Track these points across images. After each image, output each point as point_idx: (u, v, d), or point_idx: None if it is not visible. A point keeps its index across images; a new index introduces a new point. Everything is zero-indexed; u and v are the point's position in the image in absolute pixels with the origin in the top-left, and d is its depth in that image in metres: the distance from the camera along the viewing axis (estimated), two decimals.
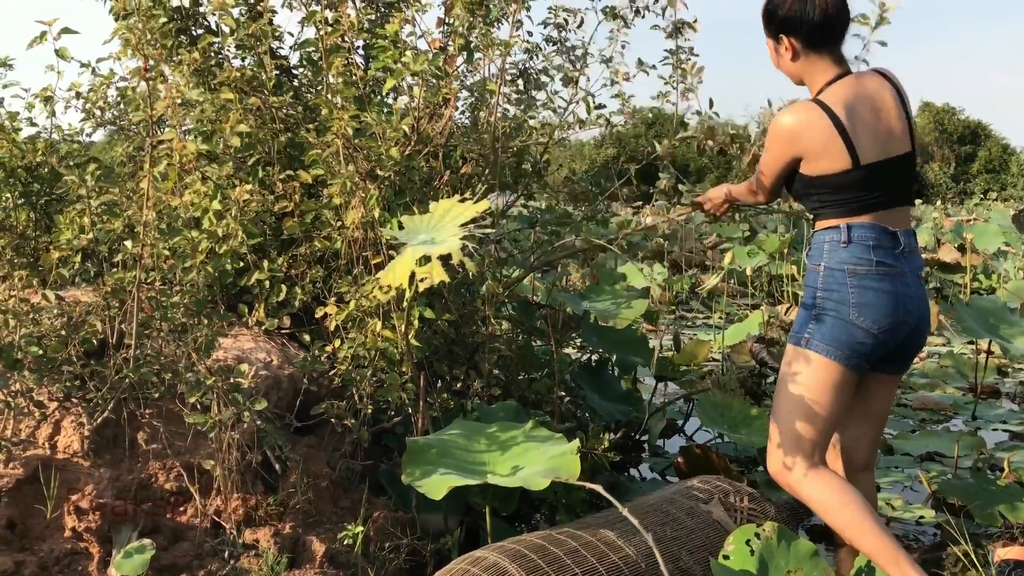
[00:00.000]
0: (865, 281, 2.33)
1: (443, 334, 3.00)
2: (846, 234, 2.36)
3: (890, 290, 2.34)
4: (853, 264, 2.34)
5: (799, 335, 2.41)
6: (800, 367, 2.40)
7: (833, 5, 2.37)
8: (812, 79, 2.43)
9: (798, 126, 2.36)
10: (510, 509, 2.65)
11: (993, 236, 9.04)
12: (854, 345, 2.34)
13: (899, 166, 2.37)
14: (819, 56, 2.41)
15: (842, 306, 2.34)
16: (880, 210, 2.36)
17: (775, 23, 2.42)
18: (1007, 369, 5.85)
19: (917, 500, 3.40)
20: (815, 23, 2.37)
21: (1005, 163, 37.40)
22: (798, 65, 2.43)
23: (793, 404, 2.41)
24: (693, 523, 2.65)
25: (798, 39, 2.40)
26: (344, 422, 2.66)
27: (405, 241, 2.39)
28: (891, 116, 2.37)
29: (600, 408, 3.45)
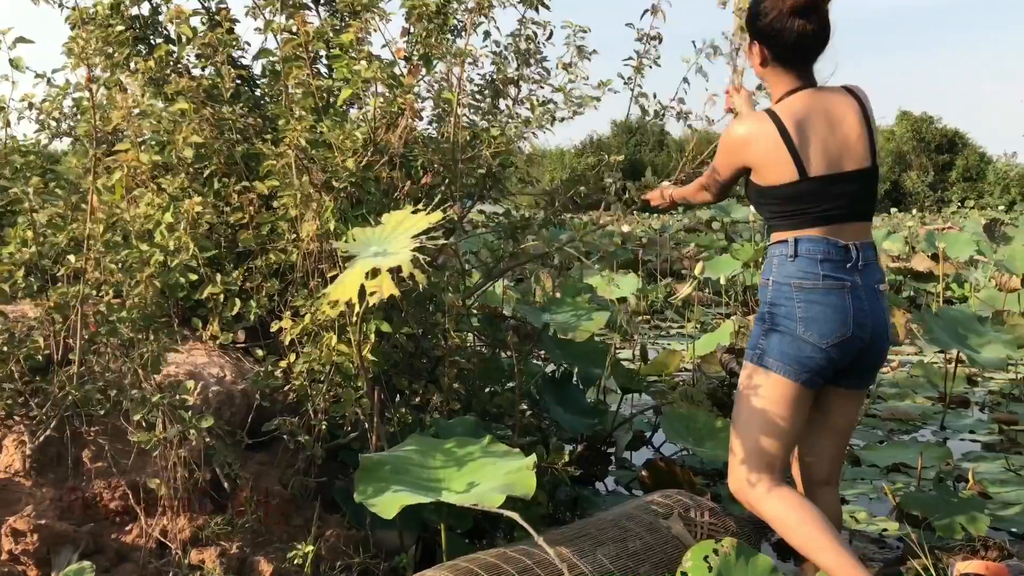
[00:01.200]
0: (812, 295, 2.32)
1: (402, 348, 2.96)
2: (793, 248, 2.35)
3: (838, 304, 2.32)
4: (799, 278, 2.33)
5: (752, 350, 2.41)
6: (755, 383, 2.39)
7: (812, 30, 2.36)
8: (775, 88, 2.45)
9: (746, 136, 2.38)
10: (466, 526, 2.61)
11: (965, 245, 9.09)
12: (803, 360, 2.32)
13: (854, 181, 2.35)
14: (786, 70, 2.41)
15: (790, 321, 2.33)
16: (832, 224, 2.35)
17: (755, 29, 2.43)
18: (977, 379, 5.86)
19: (883, 512, 3.38)
20: (789, 43, 2.37)
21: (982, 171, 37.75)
22: (764, 71, 2.46)
23: (750, 420, 2.40)
24: (652, 539, 2.62)
25: (770, 51, 2.40)
26: (298, 438, 2.61)
27: (356, 254, 2.35)
28: (849, 131, 2.35)
29: (564, 421, 3.41)
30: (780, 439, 2.38)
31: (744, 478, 2.41)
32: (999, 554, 2.82)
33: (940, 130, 38.65)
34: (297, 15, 2.94)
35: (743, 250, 8.16)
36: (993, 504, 3.42)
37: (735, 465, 2.44)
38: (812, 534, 2.31)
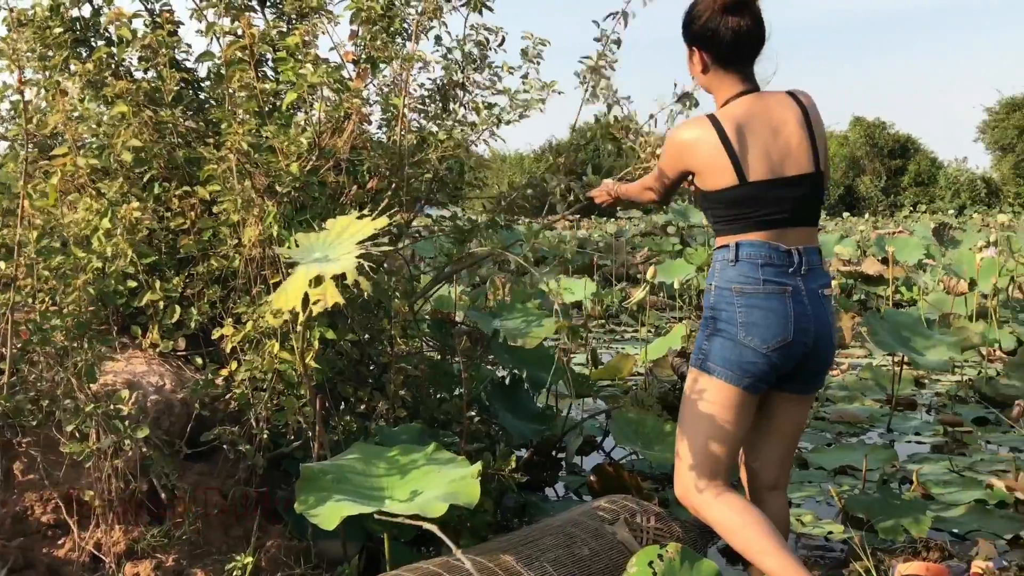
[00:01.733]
0: (753, 300, 2.32)
1: (348, 355, 2.93)
2: (735, 252, 2.36)
3: (779, 309, 2.32)
4: (740, 283, 2.33)
5: (696, 355, 2.42)
6: (699, 388, 2.40)
7: (747, 27, 2.37)
8: (718, 93, 2.45)
9: (688, 141, 2.39)
10: (410, 535, 2.58)
11: (914, 248, 9.23)
12: (745, 365, 2.33)
13: (797, 186, 2.36)
14: (727, 72, 2.42)
15: (731, 326, 2.33)
16: (774, 228, 2.35)
17: (690, 34, 2.44)
18: (924, 381, 5.94)
19: (829, 515, 3.41)
20: (726, 43, 2.38)
21: (933, 176, 38.41)
22: (707, 78, 2.46)
23: (694, 426, 2.40)
24: (598, 545, 2.61)
25: (709, 54, 2.41)
26: (238, 448, 2.57)
27: (299, 260, 2.32)
28: (790, 136, 2.36)
29: (512, 427, 3.40)
30: (724, 444, 2.38)
31: (689, 483, 2.41)
32: (940, 555, 2.85)
33: (892, 135, 39.27)
34: (242, 17, 2.90)
35: (697, 254, 8.22)
36: (936, 505, 3.46)
37: (680, 470, 2.44)
38: (755, 538, 2.31)
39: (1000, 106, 38.54)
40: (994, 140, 38.34)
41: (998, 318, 6.84)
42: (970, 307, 7.23)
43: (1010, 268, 7.79)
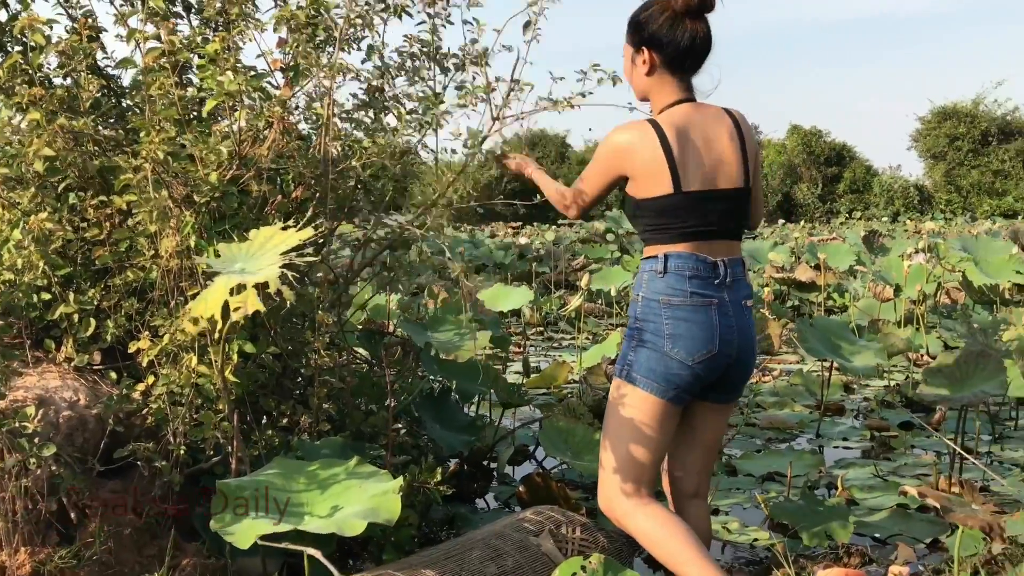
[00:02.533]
0: (679, 312, 2.32)
1: (269, 368, 2.88)
2: (663, 264, 2.35)
3: (705, 321, 2.33)
4: (668, 295, 2.33)
5: (621, 366, 2.40)
6: (623, 399, 2.39)
7: (702, 34, 2.37)
8: (658, 97, 2.43)
9: (629, 143, 2.34)
10: (328, 551, 2.53)
11: (845, 255, 9.40)
12: (670, 377, 2.33)
13: (726, 200, 2.37)
14: (672, 77, 2.40)
15: (658, 337, 2.33)
16: (702, 240, 2.36)
17: (642, 35, 2.39)
18: (853, 386, 6.05)
19: (756, 522, 3.44)
20: (681, 47, 2.36)
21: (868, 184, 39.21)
22: (650, 81, 2.42)
23: (617, 436, 2.39)
24: (522, 557, 2.60)
25: (661, 56, 2.38)
26: (154, 464, 2.50)
27: (219, 270, 2.27)
28: (724, 150, 2.37)
29: (441, 439, 3.37)
30: (647, 455, 2.38)
31: (612, 494, 2.41)
32: (861, 560, 2.89)
33: (829, 144, 40.01)
34: (163, 24, 2.84)
35: (634, 261, 8.27)
36: (860, 510, 3.51)
37: (603, 480, 2.43)
38: (677, 549, 2.31)
39: (932, 115, 39.52)
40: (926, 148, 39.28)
41: (926, 323, 7.00)
42: (899, 313, 7.39)
43: (937, 274, 7.97)
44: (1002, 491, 3.52)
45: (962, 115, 38.39)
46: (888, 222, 30.40)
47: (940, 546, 3.12)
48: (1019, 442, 4.55)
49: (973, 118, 38.12)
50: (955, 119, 38.42)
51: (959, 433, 4.00)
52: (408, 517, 2.71)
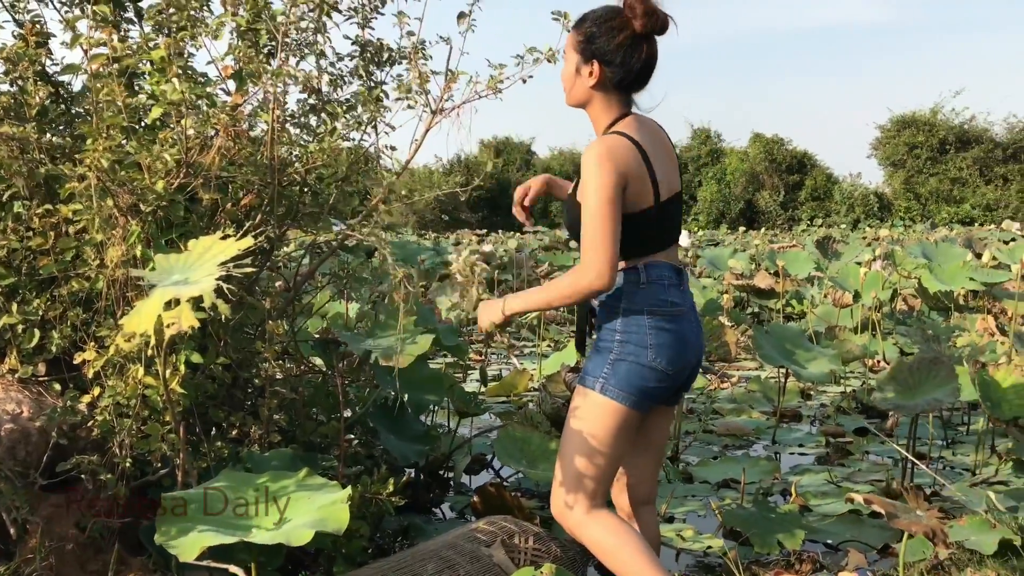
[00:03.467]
0: (661, 323, 2.31)
1: (218, 378, 2.84)
2: (645, 275, 2.32)
3: (679, 330, 2.33)
4: (652, 306, 2.31)
5: (593, 379, 2.33)
6: (589, 411, 2.34)
7: (654, 56, 2.35)
8: (601, 112, 2.38)
9: (621, 156, 2.25)
10: (277, 563, 2.51)
11: (803, 262, 9.50)
12: (647, 389, 2.31)
13: (678, 204, 2.40)
14: (620, 95, 2.37)
15: (641, 349, 2.29)
16: (668, 248, 2.38)
17: (595, 49, 2.33)
18: (810, 393, 6.10)
19: (710, 529, 3.45)
20: (634, 70, 2.33)
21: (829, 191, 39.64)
22: (593, 94, 2.36)
23: (578, 447, 2.35)
24: (474, 568, 2.59)
25: (613, 74, 2.33)
26: (99, 477, 2.46)
27: (157, 283, 2.24)
28: (669, 157, 2.40)
29: (395, 449, 3.35)
30: (608, 465, 2.36)
31: (566, 502, 2.38)
32: (812, 567, 2.91)
33: (790, 151, 40.40)
34: (105, 29, 2.80)
35: None
36: (813, 516, 3.54)
37: (557, 490, 2.41)
38: (630, 558, 2.31)
39: (891, 123, 40.05)
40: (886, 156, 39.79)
41: (883, 330, 7.08)
42: (856, 319, 7.47)
43: (894, 281, 8.07)
44: (951, 496, 3.55)
45: (921, 124, 38.95)
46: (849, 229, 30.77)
47: (891, 552, 3.15)
48: (970, 446, 4.60)
49: (931, 127, 38.70)
50: (914, 128, 38.98)
51: (911, 439, 4.05)
52: (359, 528, 2.68)
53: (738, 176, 39.19)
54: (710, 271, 11.50)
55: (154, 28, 3.31)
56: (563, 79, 2.43)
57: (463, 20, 2.89)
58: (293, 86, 3.12)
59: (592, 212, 2.21)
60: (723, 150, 41.39)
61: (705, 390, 6.05)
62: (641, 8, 2.29)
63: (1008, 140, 38.09)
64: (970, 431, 4.99)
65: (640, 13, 2.29)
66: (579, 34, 2.37)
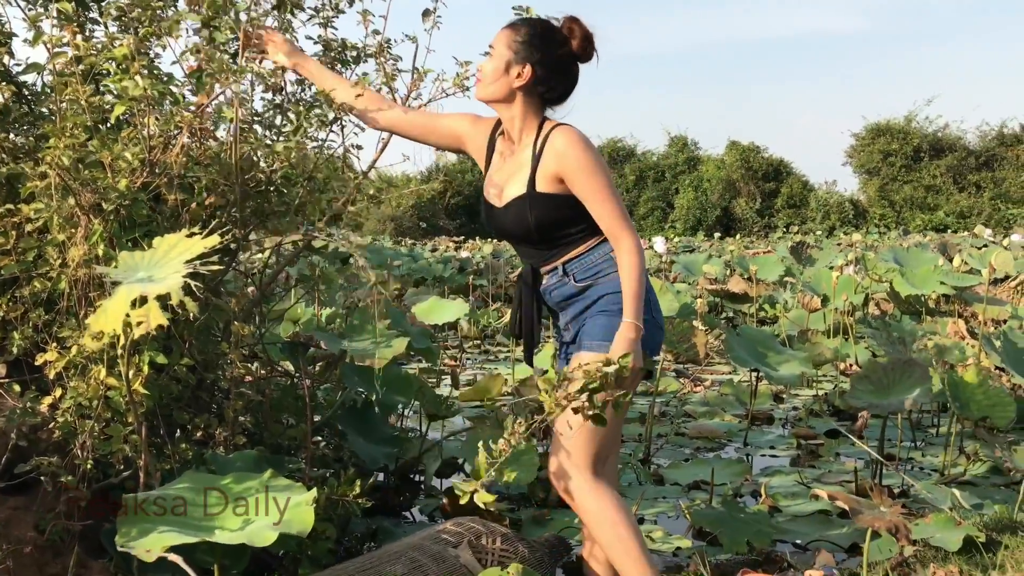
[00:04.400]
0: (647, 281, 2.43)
1: (183, 380, 2.81)
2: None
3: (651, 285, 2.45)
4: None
5: (604, 343, 2.32)
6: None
7: (576, 81, 2.47)
8: (520, 112, 2.45)
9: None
10: (241, 567, 2.48)
11: (773, 266, 9.56)
12: (653, 345, 2.41)
13: None
14: (538, 101, 2.46)
15: (649, 307, 2.38)
16: None
17: (535, 56, 2.40)
18: (783, 396, 6.12)
19: (680, 530, 3.44)
20: (568, 86, 2.46)
21: (805, 199, 39.87)
22: (515, 95, 2.43)
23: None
24: (440, 569, 2.57)
25: (543, 87, 2.42)
26: (60, 479, 2.43)
27: (121, 280, 2.21)
28: None
29: (363, 452, 3.32)
30: (610, 433, 2.41)
31: (569, 465, 2.38)
32: (779, 566, 2.91)
33: (767, 159, 40.62)
34: (68, 26, 2.78)
35: None
36: (782, 517, 3.54)
37: (561, 457, 2.39)
38: (625, 537, 2.35)
39: (866, 131, 40.38)
40: (860, 164, 40.11)
41: (855, 334, 7.12)
42: (828, 323, 7.51)
43: (866, 285, 8.12)
44: (919, 496, 3.57)
45: (895, 131, 39.29)
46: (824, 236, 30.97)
47: (858, 551, 3.16)
48: (940, 448, 4.63)
49: (906, 134, 39.04)
50: (888, 135, 39.31)
51: (881, 441, 4.07)
52: (325, 530, 2.66)
53: (715, 183, 39.37)
54: (684, 276, 11.53)
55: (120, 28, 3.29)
56: (485, 72, 2.47)
57: (428, 17, 2.89)
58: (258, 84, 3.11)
59: (605, 191, 2.37)
60: (700, 158, 41.57)
61: (677, 393, 6.05)
62: (580, 32, 2.42)
63: (981, 148, 38.51)
64: (939, 433, 5.03)
65: (579, 36, 2.42)
66: (518, 35, 2.43)
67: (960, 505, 3.02)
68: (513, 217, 2.45)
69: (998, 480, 3.94)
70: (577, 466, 2.37)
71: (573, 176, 2.36)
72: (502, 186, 2.49)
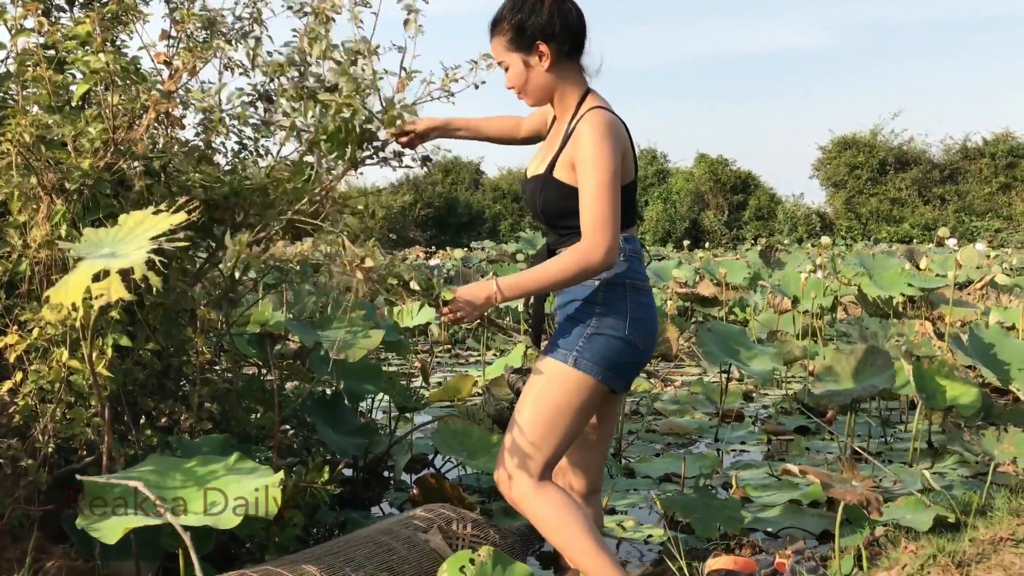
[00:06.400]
0: (640, 296, 2.31)
1: (148, 365, 2.76)
2: (625, 248, 2.30)
3: (651, 305, 2.35)
4: (632, 278, 2.30)
5: (566, 352, 2.27)
6: (556, 383, 2.28)
7: (581, 14, 2.34)
8: (567, 88, 2.35)
9: (619, 132, 2.26)
10: (206, 550, 2.43)
11: (739, 270, 9.63)
12: (621, 365, 2.28)
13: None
14: (571, 64, 2.34)
15: (620, 322, 2.27)
16: (633, 223, 2.38)
17: (530, 31, 2.29)
18: (752, 395, 6.14)
19: (651, 521, 3.43)
20: (575, 28, 2.31)
21: (772, 211, 40.16)
22: (552, 76, 2.32)
23: (537, 420, 2.28)
24: (410, 553, 2.54)
25: (558, 46, 2.30)
26: (19, 463, 2.37)
27: (84, 256, 2.17)
28: None
29: (332, 442, 3.28)
30: (565, 440, 2.31)
31: (514, 473, 2.30)
32: (752, 551, 2.90)
33: (735, 172, 40.88)
34: (28, 5, 2.73)
35: None
36: (754, 507, 3.54)
37: (508, 461, 2.31)
38: (575, 535, 2.26)
39: (832, 144, 40.75)
40: (827, 177, 40.46)
41: (824, 336, 7.17)
42: (798, 326, 7.56)
43: (834, 288, 8.18)
44: (889, 486, 3.58)
45: (861, 145, 39.70)
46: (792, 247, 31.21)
47: (829, 539, 3.16)
48: (908, 442, 4.66)
49: (872, 148, 39.46)
50: (855, 148, 39.71)
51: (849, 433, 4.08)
52: (293, 517, 2.62)
53: (683, 196, 39.57)
54: (655, 282, 11.55)
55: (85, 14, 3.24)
56: (515, 86, 2.37)
57: (409, 26, 2.86)
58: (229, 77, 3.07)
59: (599, 188, 2.18)
60: (669, 170, 41.76)
61: (648, 393, 6.06)
62: None
63: (945, 161, 39.01)
64: (907, 430, 5.05)
65: None
66: (505, 33, 2.34)
67: (931, 487, 3.03)
68: (529, 194, 2.40)
69: (965, 472, 3.97)
70: (519, 474, 2.28)
71: (578, 164, 2.23)
72: (537, 159, 2.44)
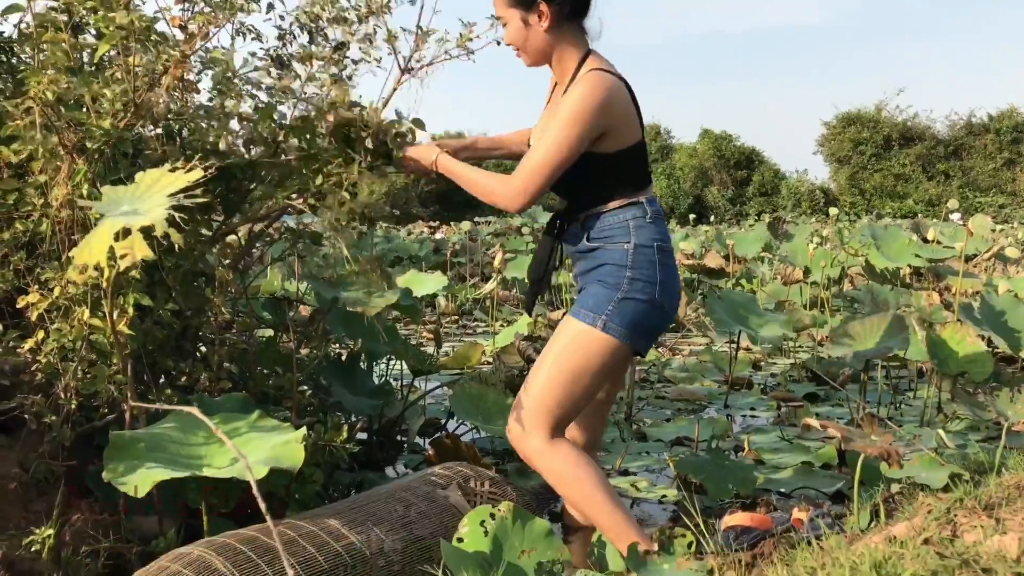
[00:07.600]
0: (666, 259, 2.31)
1: (167, 325, 2.78)
2: (649, 209, 2.30)
3: (675, 266, 2.35)
4: (660, 240, 2.30)
5: (595, 315, 2.27)
6: (582, 345, 2.28)
7: None
8: (566, 51, 2.33)
9: (612, 95, 2.23)
10: (230, 505, 2.46)
11: (752, 243, 9.61)
12: (649, 328, 2.30)
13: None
14: (571, 25, 2.32)
15: (650, 286, 2.27)
16: (650, 184, 2.38)
17: None
18: (760, 363, 6.17)
19: (664, 482, 3.46)
20: None
21: (776, 187, 40.07)
22: (552, 37, 2.31)
23: (557, 378, 2.29)
24: (429, 508, 2.56)
25: (559, 5, 2.28)
26: (44, 419, 2.39)
27: (105, 213, 2.18)
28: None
29: (349, 403, 3.31)
30: (584, 399, 2.33)
31: (529, 428, 2.32)
32: (766, 510, 2.92)
33: (739, 148, 40.76)
34: None
35: None
36: (766, 468, 3.57)
37: (523, 417, 2.33)
38: (589, 491, 2.29)
39: (836, 120, 40.60)
40: (831, 152, 40.34)
41: (831, 307, 7.17)
42: (805, 297, 7.56)
43: (841, 259, 8.18)
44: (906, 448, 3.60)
45: (865, 120, 39.55)
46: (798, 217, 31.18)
47: (843, 499, 3.19)
48: (917, 409, 4.68)
49: (876, 123, 39.31)
50: (859, 124, 39.55)
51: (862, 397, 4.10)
52: (313, 474, 2.65)
53: (687, 172, 39.48)
54: None
55: None
56: (513, 43, 2.36)
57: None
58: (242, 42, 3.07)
59: (556, 144, 2.18)
60: (673, 146, 41.62)
61: (657, 361, 6.09)
62: None
63: (949, 137, 38.86)
64: (916, 396, 5.08)
65: None
66: None
67: (945, 445, 3.05)
68: None
69: (976, 436, 3.99)
70: (532, 429, 2.30)
71: (556, 114, 2.21)
72: (539, 127, 2.43)
